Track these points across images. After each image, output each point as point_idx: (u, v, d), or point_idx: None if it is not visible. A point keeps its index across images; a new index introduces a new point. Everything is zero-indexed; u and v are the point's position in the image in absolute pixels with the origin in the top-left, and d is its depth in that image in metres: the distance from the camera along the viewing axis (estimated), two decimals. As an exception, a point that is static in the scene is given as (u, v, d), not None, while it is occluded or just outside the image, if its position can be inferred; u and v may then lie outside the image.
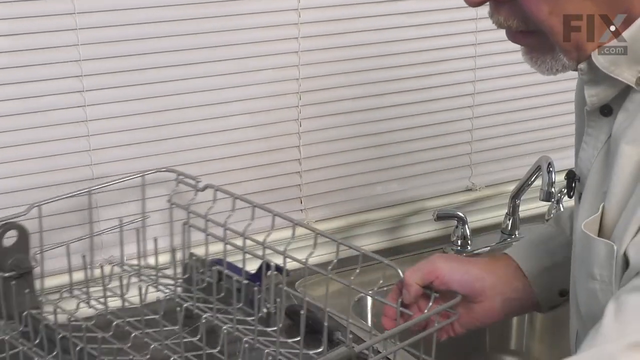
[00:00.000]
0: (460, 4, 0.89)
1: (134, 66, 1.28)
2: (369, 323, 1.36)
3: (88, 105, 1.27)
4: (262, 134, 1.41)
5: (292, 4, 1.36)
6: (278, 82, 1.39)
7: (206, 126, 1.36)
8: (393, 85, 1.49)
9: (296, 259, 1.12)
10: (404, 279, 1.05)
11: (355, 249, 1.09)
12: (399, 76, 1.48)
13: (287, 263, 1.13)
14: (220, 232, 1.18)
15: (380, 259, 1.07)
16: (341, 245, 1.09)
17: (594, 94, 0.89)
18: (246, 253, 1.17)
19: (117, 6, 1.25)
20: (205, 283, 1.24)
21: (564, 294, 1.05)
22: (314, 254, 1.11)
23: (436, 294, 1.05)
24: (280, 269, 1.16)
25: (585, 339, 0.80)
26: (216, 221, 1.18)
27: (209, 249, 1.23)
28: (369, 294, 1.07)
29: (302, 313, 1.06)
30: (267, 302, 1.17)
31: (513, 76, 1.58)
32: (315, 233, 1.12)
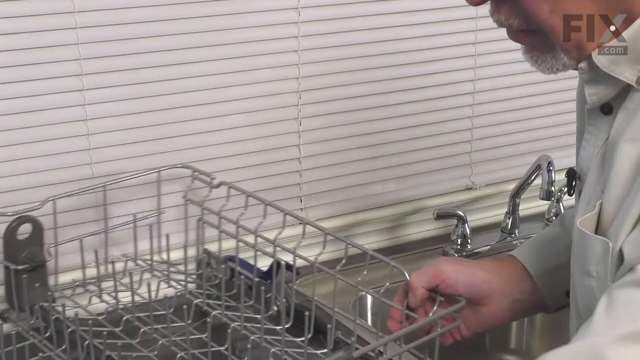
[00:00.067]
0: (461, 3, 0.89)
1: (133, 65, 1.28)
2: (369, 322, 1.37)
3: (88, 105, 1.27)
4: (262, 133, 1.40)
5: (292, 3, 1.36)
6: (278, 81, 1.39)
7: (207, 125, 1.36)
8: (394, 84, 1.48)
9: (306, 259, 1.12)
10: (409, 282, 1.05)
11: (363, 249, 1.09)
12: (400, 75, 1.48)
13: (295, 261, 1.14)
14: (233, 229, 1.19)
15: (387, 261, 1.07)
16: (344, 244, 1.09)
17: (594, 92, 0.89)
18: (257, 251, 1.18)
19: (117, 5, 1.25)
20: (218, 279, 1.24)
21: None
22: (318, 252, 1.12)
23: (441, 298, 1.04)
24: (290, 267, 1.16)
25: (577, 333, 0.80)
26: (229, 218, 1.19)
27: (221, 246, 1.23)
28: (375, 296, 1.06)
29: (307, 314, 1.06)
30: (277, 300, 1.17)
31: (513, 75, 1.58)
32: (325, 233, 1.12)
